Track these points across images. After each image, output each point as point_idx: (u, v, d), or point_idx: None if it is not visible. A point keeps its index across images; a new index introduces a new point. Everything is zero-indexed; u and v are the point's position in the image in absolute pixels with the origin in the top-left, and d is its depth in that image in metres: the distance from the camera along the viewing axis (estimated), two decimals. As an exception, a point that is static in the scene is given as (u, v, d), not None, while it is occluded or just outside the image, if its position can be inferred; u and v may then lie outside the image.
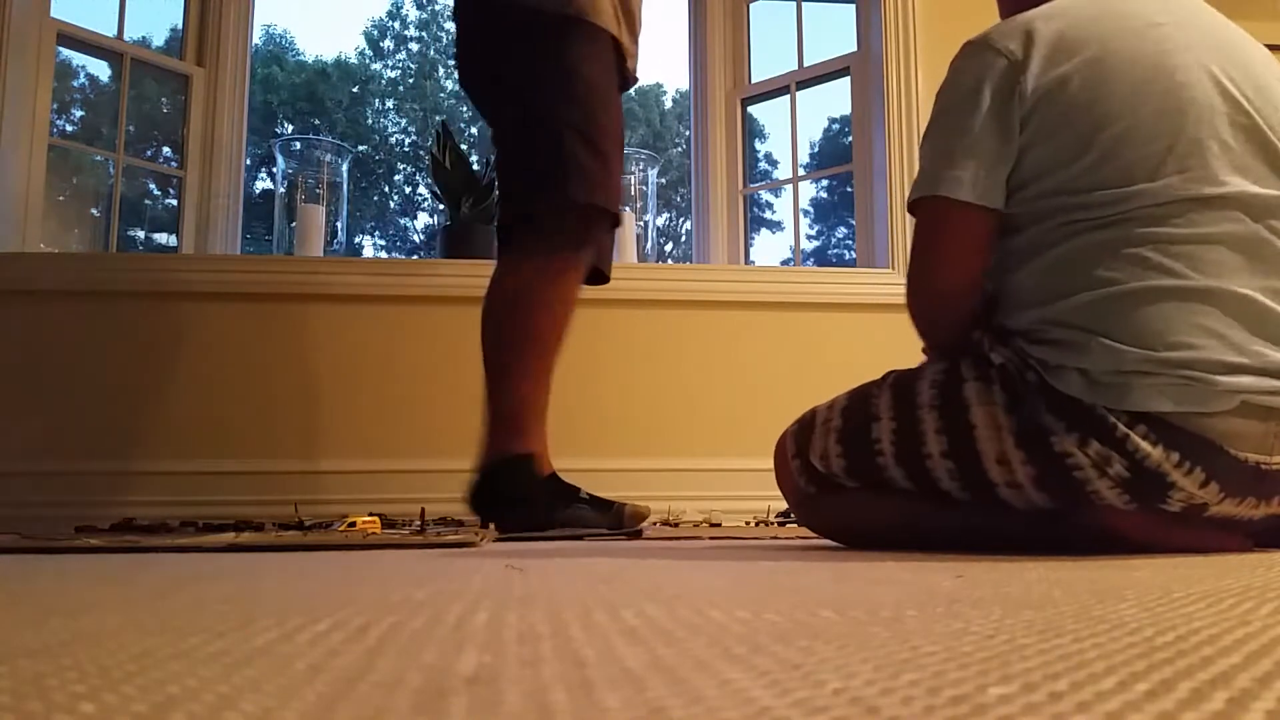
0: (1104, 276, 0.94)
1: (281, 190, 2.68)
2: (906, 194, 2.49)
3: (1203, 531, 0.96)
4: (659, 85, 22.93)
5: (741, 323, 2.38)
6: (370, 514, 1.95)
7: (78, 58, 2.79)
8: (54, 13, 2.49)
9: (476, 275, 2.33)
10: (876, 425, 1.06)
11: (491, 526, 1.54)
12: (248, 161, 2.75)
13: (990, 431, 0.97)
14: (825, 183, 20.13)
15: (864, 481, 1.08)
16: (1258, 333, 0.92)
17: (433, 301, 2.27)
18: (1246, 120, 0.98)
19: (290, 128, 20.06)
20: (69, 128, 3.11)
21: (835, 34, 2.82)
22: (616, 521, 1.59)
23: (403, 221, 21.05)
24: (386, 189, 20.90)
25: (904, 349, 2.06)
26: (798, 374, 2.37)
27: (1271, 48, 2.81)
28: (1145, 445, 0.89)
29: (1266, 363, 0.90)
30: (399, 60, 22.96)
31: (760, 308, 2.37)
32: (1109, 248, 0.95)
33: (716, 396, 2.35)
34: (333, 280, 2.27)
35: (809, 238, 20.59)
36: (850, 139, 2.72)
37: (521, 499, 1.55)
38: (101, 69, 2.82)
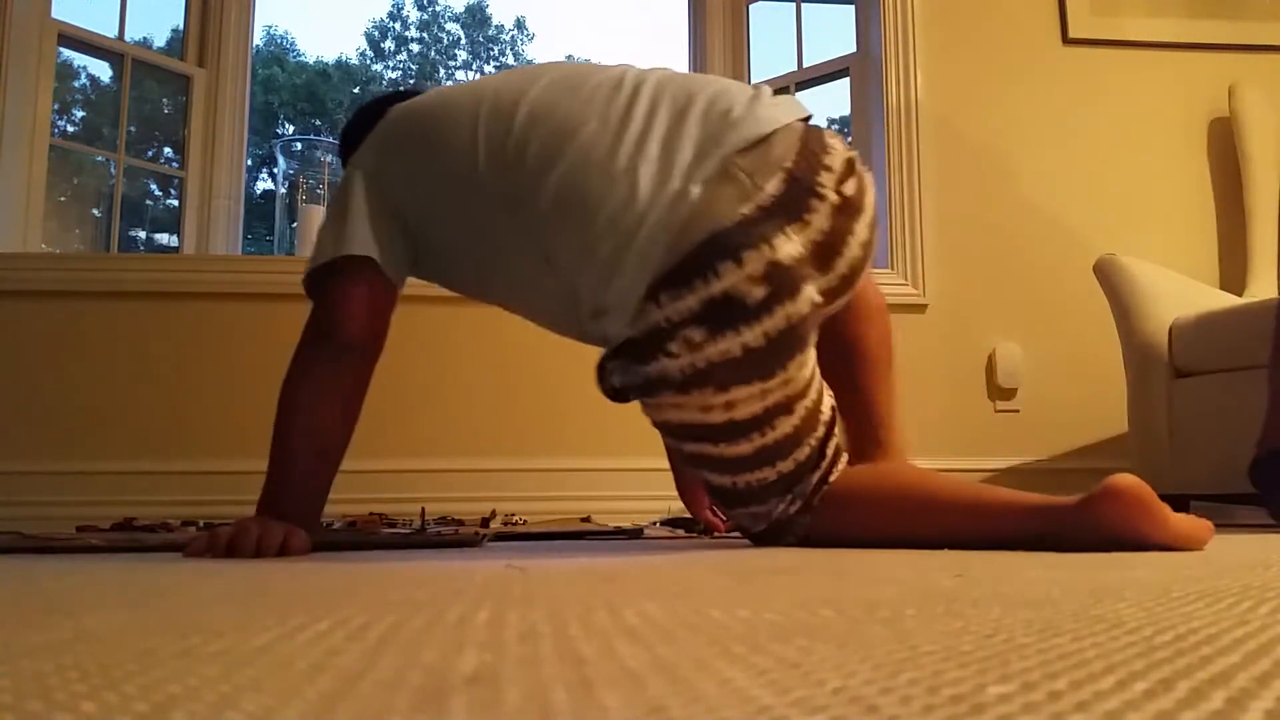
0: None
1: (282, 190, 2.68)
2: (906, 195, 2.50)
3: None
4: (659, 86, 22.88)
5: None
6: (370, 514, 1.95)
7: (79, 58, 2.79)
8: (55, 13, 2.49)
9: (477, 275, 2.34)
10: None
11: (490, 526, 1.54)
12: (249, 162, 2.75)
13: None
14: (825, 183, 20.07)
15: None
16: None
17: (432, 301, 2.27)
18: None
19: (291, 128, 20.05)
20: (70, 128, 3.11)
21: (834, 35, 2.82)
22: None
23: (403, 222, 21.02)
24: (387, 189, 20.86)
25: (902, 349, 2.07)
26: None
27: (1270, 48, 2.78)
28: (673, 308, 1.00)
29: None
30: (400, 61, 22.96)
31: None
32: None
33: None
34: (333, 280, 2.28)
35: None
36: (850, 139, 2.72)
37: None
38: (103, 69, 2.82)
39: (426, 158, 1.15)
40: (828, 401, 1.12)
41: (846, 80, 2.73)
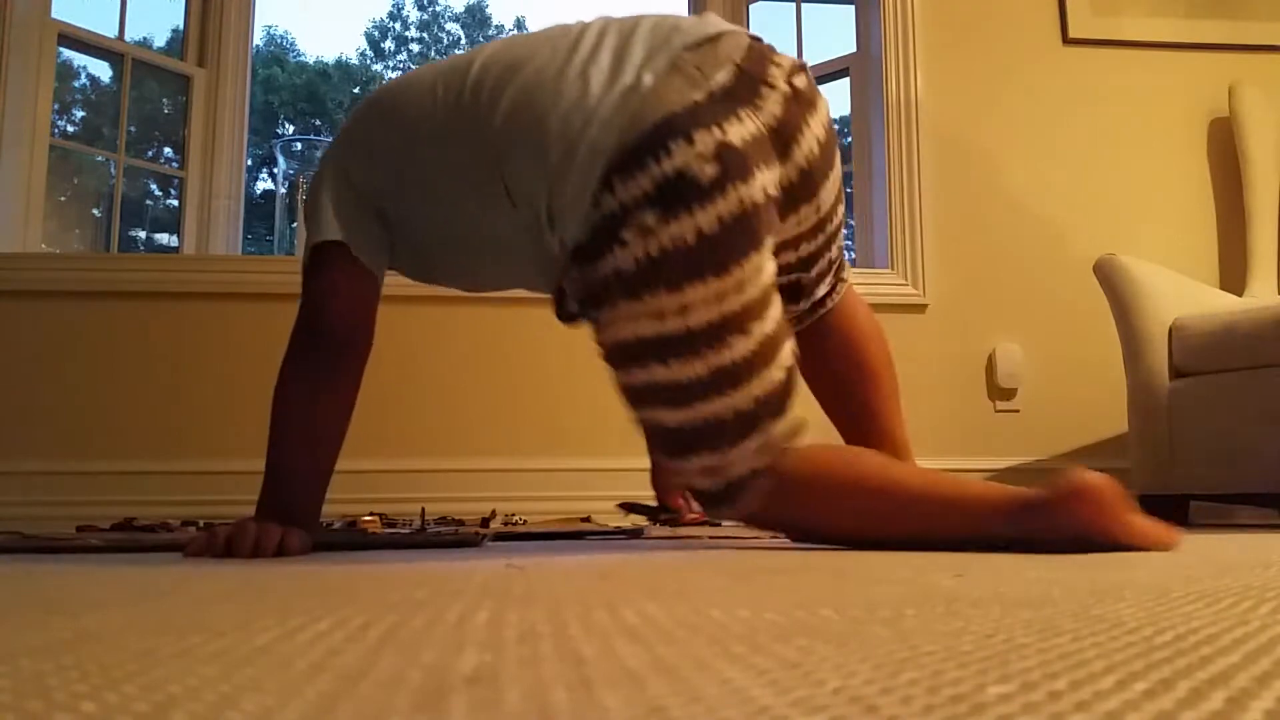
0: None
1: (282, 190, 2.68)
2: (906, 195, 2.50)
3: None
4: (659, 86, 22.87)
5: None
6: (370, 514, 1.95)
7: (79, 58, 2.79)
8: (55, 13, 2.49)
9: (477, 275, 2.34)
10: None
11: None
12: (249, 162, 2.76)
13: None
14: (826, 183, 20.10)
15: None
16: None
17: (433, 301, 2.27)
18: None
19: (291, 128, 20.06)
20: (70, 128, 3.11)
21: (835, 35, 2.82)
22: None
23: (403, 222, 21.03)
24: (387, 189, 20.87)
25: (902, 349, 2.07)
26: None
27: (1270, 48, 2.78)
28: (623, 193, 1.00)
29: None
30: (400, 61, 22.97)
31: (760, 308, 2.37)
32: None
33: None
34: (333, 280, 2.28)
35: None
36: (850, 139, 2.72)
37: None
38: (103, 69, 2.82)
39: (390, 125, 1.17)
40: (789, 347, 1.08)
41: (846, 80, 2.73)
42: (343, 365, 1.16)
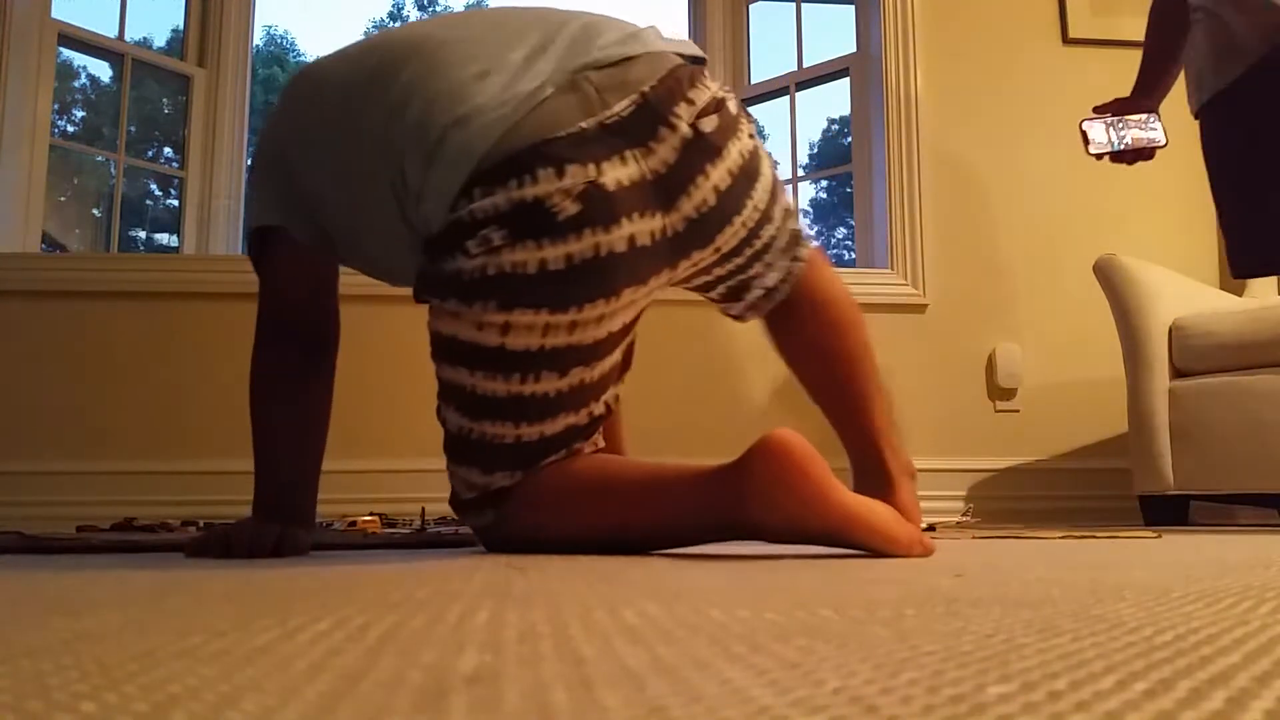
0: None
1: (282, 190, 2.68)
2: (906, 195, 2.50)
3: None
4: (659, 86, 22.86)
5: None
6: (370, 514, 1.95)
7: (79, 58, 2.79)
8: (55, 13, 2.49)
9: (477, 275, 2.34)
10: None
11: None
12: (248, 162, 2.76)
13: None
14: (825, 183, 20.16)
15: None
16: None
17: (433, 302, 2.27)
18: None
19: (291, 128, 20.04)
20: (70, 128, 3.11)
21: (834, 35, 2.82)
22: None
23: (403, 222, 21.01)
24: (387, 189, 20.86)
25: (902, 349, 2.06)
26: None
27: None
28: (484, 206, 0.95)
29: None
30: (399, 61, 22.98)
31: (760, 308, 2.37)
32: None
33: (717, 397, 2.35)
34: (333, 280, 2.27)
35: (809, 238, 20.66)
36: (850, 139, 2.72)
37: None
38: (103, 69, 2.82)
39: (319, 98, 1.12)
40: (610, 394, 1.06)
41: (846, 80, 2.73)
42: (315, 354, 1.13)
